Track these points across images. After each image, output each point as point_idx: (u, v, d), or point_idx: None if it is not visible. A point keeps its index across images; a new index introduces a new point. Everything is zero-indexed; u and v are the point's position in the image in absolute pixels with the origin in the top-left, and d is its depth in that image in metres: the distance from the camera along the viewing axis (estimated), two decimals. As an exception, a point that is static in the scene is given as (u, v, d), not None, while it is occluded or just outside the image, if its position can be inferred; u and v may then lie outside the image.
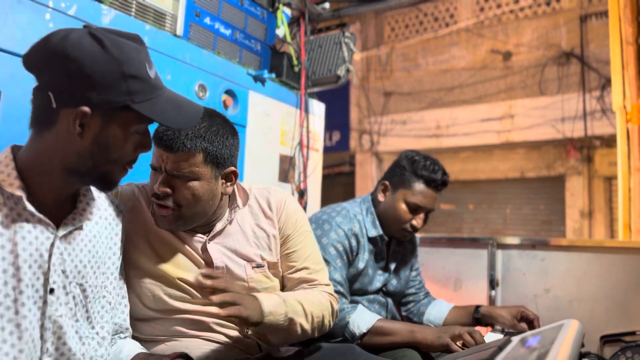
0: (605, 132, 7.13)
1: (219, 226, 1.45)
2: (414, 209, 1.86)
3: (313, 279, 1.51)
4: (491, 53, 8.18)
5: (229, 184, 1.40)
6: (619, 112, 4.22)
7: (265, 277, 1.48)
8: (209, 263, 1.42)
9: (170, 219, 1.32)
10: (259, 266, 1.47)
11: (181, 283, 1.39)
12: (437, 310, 2.09)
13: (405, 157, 1.93)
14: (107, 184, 1.00)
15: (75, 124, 0.91)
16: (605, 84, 6.98)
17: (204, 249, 1.42)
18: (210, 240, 1.43)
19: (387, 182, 1.94)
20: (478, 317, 2.01)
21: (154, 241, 1.40)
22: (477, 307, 2.03)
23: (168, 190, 1.28)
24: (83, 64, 0.90)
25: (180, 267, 1.40)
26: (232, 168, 1.39)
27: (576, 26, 7.56)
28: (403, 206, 1.87)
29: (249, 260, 1.46)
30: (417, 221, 1.87)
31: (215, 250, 1.43)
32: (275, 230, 1.51)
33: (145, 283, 1.38)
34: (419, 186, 1.86)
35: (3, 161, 0.94)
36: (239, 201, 1.49)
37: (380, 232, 1.91)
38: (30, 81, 1.53)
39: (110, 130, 0.94)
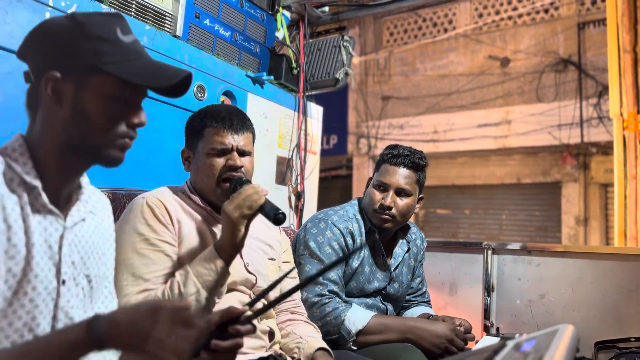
0: (601, 139, 7.17)
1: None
2: (381, 187, 1.89)
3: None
4: (489, 59, 8.21)
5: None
6: (615, 120, 4.23)
7: (273, 271, 1.57)
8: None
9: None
10: (271, 259, 1.58)
11: None
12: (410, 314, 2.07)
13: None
14: (105, 160, 0.95)
15: (47, 89, 0.90)
16: (602, 91, 7.01)
17: None
18: None
19: (369, 179, 2.03)
20: None
21: (185, 228, 1.42)
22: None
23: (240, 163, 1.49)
24: (49, 32, 0.92)
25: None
26: None
27: (574, 33, 7.59)
28: (373, 189, 1.92)
29: (265, 251, 1.57)
30: (386, 200, 1.86)
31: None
32: (280, 240, 1.66)
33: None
34: (384, 167, 1.91)
35: (17, 149, 0.92)
36: None
37: (369, 224, 1.93)
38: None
39: (84, 96, 0.91)
